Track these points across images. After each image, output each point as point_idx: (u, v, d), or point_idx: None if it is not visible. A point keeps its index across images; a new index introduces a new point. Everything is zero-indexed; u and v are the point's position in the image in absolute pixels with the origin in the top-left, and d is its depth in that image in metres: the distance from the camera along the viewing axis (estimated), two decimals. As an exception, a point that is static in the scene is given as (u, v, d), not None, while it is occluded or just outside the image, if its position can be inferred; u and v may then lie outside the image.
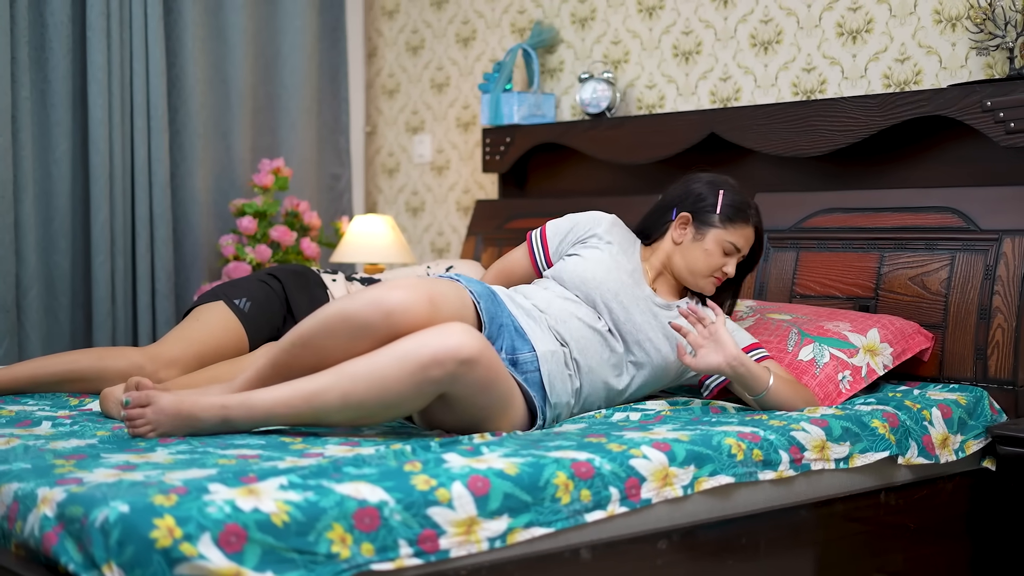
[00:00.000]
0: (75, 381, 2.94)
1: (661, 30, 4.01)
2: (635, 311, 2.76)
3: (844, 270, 3.25)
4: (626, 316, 2.75)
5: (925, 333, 3.02)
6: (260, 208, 4.28)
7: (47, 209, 4.07)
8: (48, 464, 2.05)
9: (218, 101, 4.51)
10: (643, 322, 2.75)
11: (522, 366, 2.57)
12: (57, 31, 4.05)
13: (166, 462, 2.08)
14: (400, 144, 4.96)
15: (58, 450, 2.18)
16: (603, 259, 2.83)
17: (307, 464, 2.04)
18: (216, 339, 3.07)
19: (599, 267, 2.80)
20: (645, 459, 2.20)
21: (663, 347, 2.76)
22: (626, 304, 2.76)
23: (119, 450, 2.19)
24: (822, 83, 3.61)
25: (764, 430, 2.43)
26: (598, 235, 2.90)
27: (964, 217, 3.07)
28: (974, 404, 2.84)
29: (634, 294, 2.79)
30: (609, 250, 2.86)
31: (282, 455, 2.16)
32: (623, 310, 2.75)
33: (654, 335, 2.76)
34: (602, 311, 2.75)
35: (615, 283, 2.78)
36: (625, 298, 2.77)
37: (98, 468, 2.01)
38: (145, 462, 2.07)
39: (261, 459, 2.12)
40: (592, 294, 2.76)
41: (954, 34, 3.32)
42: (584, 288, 2.77)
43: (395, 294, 2.38)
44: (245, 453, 2.17)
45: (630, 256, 2.88)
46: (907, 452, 2.64)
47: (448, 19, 4.74)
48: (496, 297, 2.65)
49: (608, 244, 2.87)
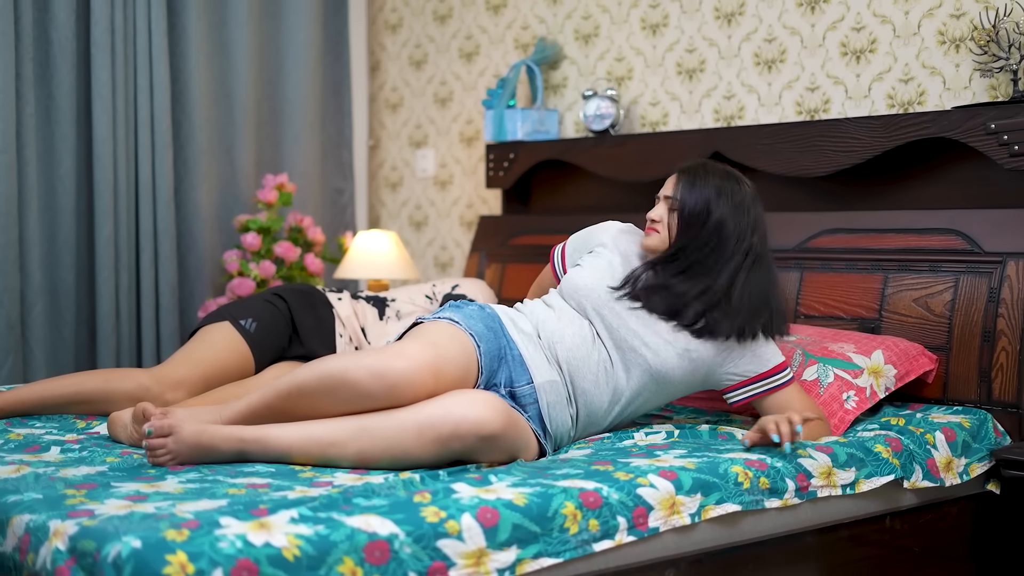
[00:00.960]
0: (82, 403, 2.94)
1: (665, 48, 4.02)
2: (630, 316, 2.68)
3: (848, 291, 3.26)
4: (619, 322, 2.68)
5: (929, 355, 3.03)
6: (264, 224, 4.29)
7: (51, 225, 4.08)
8: (59, 494, 2.06)
9: (222, 116, 4.52)
10: (639, 327, 2.67)
11: (520, 399, 2.58)
12: (62, 48, 4.06)
13: (176, 492, 2.09)
14: (403, 158, 4.97)
15: (68, 479, 2.19)
16: (599, 266, 2.80)
17: (317, 495, 2.05)
18: (222, 360, 3.08)
19: (593, 274, 2.77)
20: (652, 488, 2.21)
21: (662, 351, 2.66)
22: (620, 310, 2.69)
23: (129, 478, 2.20)
24: (826, 102, 3.62)
25: (771, 457, 2.43)
26: (603, 243, 2.88)
27: (968, 239, 3.08)
28: (978, 427, 2.85)
29: (632, 299, 2.71)
30: (608, 257, 2.82)
31: (292, 484, 2.17)
32: (615, 316, 2.68)
33: (652, 339, 2.66)
34: (593, 319, 2.70)
35: (606, 288, 2.73)
36: (618, 304, 2.70)
37: (109, 499, 2.02)
38: (156, 492, 2.08)
39: (271, 488, 2.13)
40: (583, 302, 2.73)
41: (958, 55, 3.34)
42: (576, 296, 2.74)
43: (398, 365, 2.36)
44: (255, 482, 2.18)
45: (630, 259, 2.83)
46: (912, 476, 2.65)
47: (451, 34, 4.75)
48: (499, 327, 2.64)
49: (610, 252, 2.84)
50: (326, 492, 2.09)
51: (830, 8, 3.60)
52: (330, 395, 2.38)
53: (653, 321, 2.68)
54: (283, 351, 3.23)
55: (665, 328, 2.68)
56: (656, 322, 2.68)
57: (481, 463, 2.37)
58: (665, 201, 2.78)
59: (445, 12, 4.76)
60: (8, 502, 2.02)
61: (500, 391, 2.56)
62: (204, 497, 2.04)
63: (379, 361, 2.38)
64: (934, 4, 3.38)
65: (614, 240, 2.87)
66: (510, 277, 4.17)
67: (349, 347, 3.30)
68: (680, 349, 2.66)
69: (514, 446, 2.42)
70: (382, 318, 3.43)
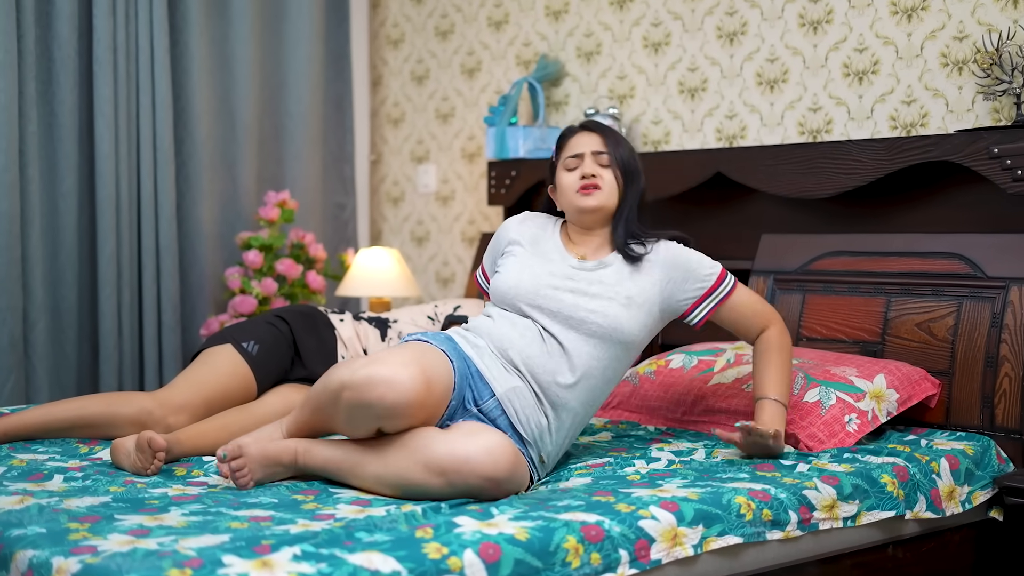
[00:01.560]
0: (84, 427, 2.94)
1: (667, 66, 4.03)
2: (564, 292, 2.69)
3: (850, 314, 3.26)
4: (558, 304, 2.68)
5: (932, 379, 3.03)
6: (266, 241, 4.29)
7: (54, 243, 4.08)
8: (62, 528, 2.05)
9: (224, 132, 4.52)
10: (576, 299, 2.68)
11: (488, 414, 2.59)
12: (64, 65, 4.06)
13: (179, 525, 2.08)
14: (405, 173, 4.97)
15: (72, 511, 2.18)
16: (513, 264, 2.80)
17: (320, 528, 2.05)
18: (224, 383, 3.08)
19: (511, 274, 2.77)
20: (654, 520, 2.21)
21: (608, 309, 2.67)
22: (551, 293, 2.69)
23: (133, 511, 2.20)
24: (828, 123, 3.62)
25: (775, 488, 2.43)
26: (511, 240, 2.88)
27: (971, 264, 3.08)
28: (981, 453, 2.85)
29: (556, 276, 2.73)
30: (519, 251, 2.83)
31: (294, 517, 2.17)
32: (550, 299, 2.69)
33: (594, 305, 2.67)
34: (532, 314, 2.70)
35: (530, 279, 2.73)
36: (546, 288, 2.70)
37: (112, 533, 2.02)
38: (159, 525, 2.08)
39: (273, 522, 2.13)
40: (515, 302, 2.72)
41: (961, 78, 3.34)
42: (507, 299, 2.74)
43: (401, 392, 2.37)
44: (257, 515, 2.18)
45: (546, 241, 2.84)
46: (915, 507, 2.64)
47: (453, 50, 4.75)
48: (458, 348, 2.65)
49: (519, 245, 2.85)
50: (328, 526, 2.09)
51: (832, 29, 3.60)
52: (332, 415, 2.48)
53: (586, 285, 2.71)
54: (285, 373, 3.23)
55: (600, 287, 2.71)
56: (590, 285, 2.71)
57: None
58: (595, 157, 2.80)
59: (447, 28, 4.76)
60: (12, 536, 2.02)
61: (471, 410, 2.57)
62: (207, 531, 2.04)
63: (377, 378, 2.38)
64: (937, 26, 3.38)
65: (518, 233, 2.89)
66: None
67: (351, 369, 3.29)
68: (622, 299, 2.69)
69: (518, 485, 2.44)
70: (384, 339, 3.43)
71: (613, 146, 2.81)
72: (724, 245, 3.61)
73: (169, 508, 2.23)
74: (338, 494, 2.41)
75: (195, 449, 2.76)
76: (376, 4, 5.05)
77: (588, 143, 2.82)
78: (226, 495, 2.38)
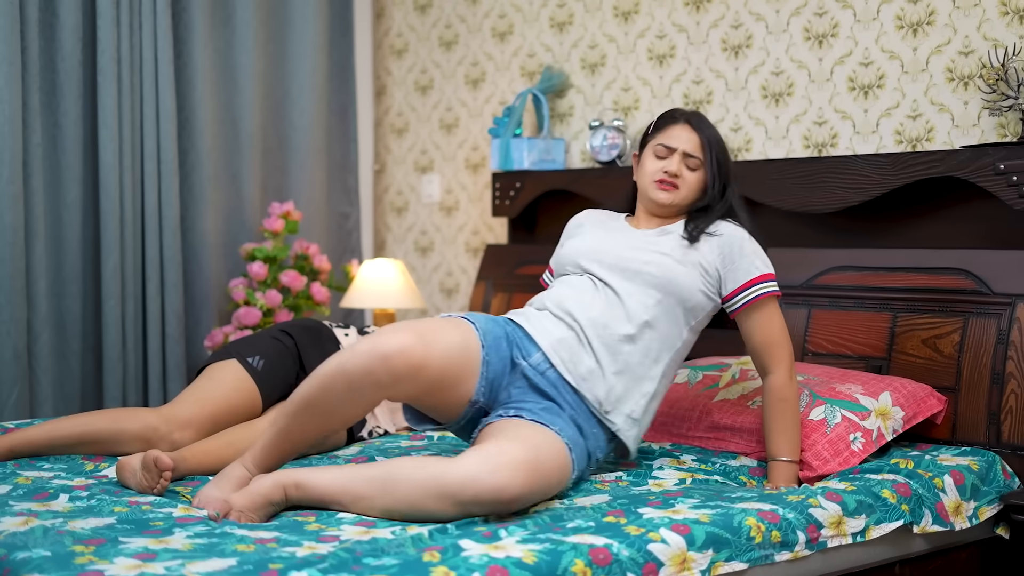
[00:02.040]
0: (90, 443, 2.94)
1: (671, 78, 4.02)
2: (622, 249, 2.80)
3: (856, 329, 3.25)
4: (614, 257, 2.79)
5: (938, 396, 3.03)
6: (270, 253, 4.28)
7: (58, 254, 4.08)
8: (67, 551, 2.04)
9: (228, 143, 4.52)
10: (631, 252, 2.79)
11: (536, 367, 2.64)
12: (68, 76, 4.06)
13: (185, 548, 2.08)
14: (409, 183, 4.97)
15: (77, 532, 2.18)
16: (578, 237, 2.94)
17: (326, 552, 2.05)
18: (229, 399, 3.08)
19: (575, 243, 2.91)
20: (664, 543, 2.20)
21: (664, 261, 2.76)
22: (609, 249, 2.81)
23: (137, 532, 2.19)
24: (833, 137, 3.62)
25: (783, 507, 2.42)
26: (579, 224, 3.01)
27: (977, 280, 3.08)
28: (987, 469, 2.84)
29: (616, 240, 2.85)
30: (583, 230, 2.96)
31: (299, 539, 2.16)
32: (607, 253, 2.81)
33: (650, 256, 2.77)
34: (590, 268, 2.80)
35: (591, 241, 2.87)
36: (606, 246, 2.82)
37: (118, 556, 2.01)
38: (164, 548, 2.07)
39: (279, 543, 2.12)
40: (578, 261, 2.84)
41: (966, 93, 3.33)
42: (572, 263, 2.86)
43: (391, 340, 2.44)
44: (262, 536, 2.18)
45: (612, 221, 2.97)
46: (921, 520, 2.64)
47: (457, 60, 4.75)
48: (493, 317, 2.74)
49: (583, 227, 2.98)
50: (334, 548, 2.09)
51: (838, 43, 3.60)
52: (333, 393, 2.47)
53: (644, 244, 2.81)
54: (291, 388, 3.22)
55: (658, 247, 2.80)
56: (648, 244, 2.81)
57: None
58: (685, 158, 2.85)
59: (451, 38, 4.76)
60: (17, 559, 2.01)
61: (520, 364, 2.65)
62: (213, 555, 2.03)
63: (367, 341, 2.46)
64: (942, 41, 3.38)
65: (587, 219, 3.01)
66: (517, 306, 4.17)
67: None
68: (678, 256, 2.77)
69: (541, 495, 2.42)
70: (389, 354, 3.43)
71: (708, 152, 2.86)
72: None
73: (174, 530, 2.22)
74: (340, 515, 2.40)
75: (200, 467, 2.75)
76: (380, 14, 5.05)
77: (686, 141, 2.86)
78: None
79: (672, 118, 2.90)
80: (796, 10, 3.70)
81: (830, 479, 2.73)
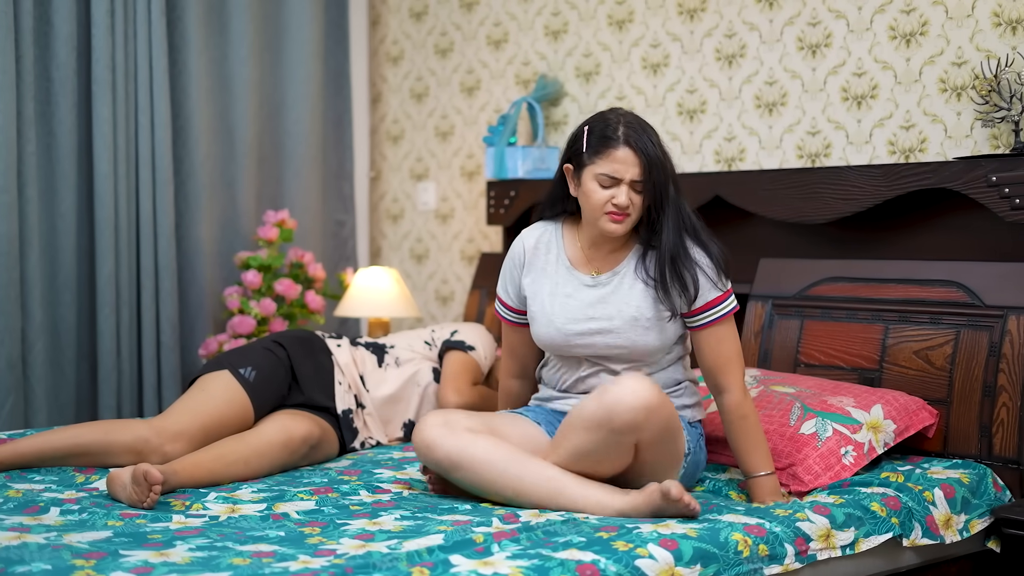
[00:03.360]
0: (81, 455, 2.94)
1: (665, 87, 4.02)
2: (592, 336, 2.79)
3: (848, 341, 3.25)
4: (591, 349, 2.80)
5: (930, 409, 3.03)
6: (265, 261, 4.28)
7: (52, 263, 4.08)
8: (67, 565, 2.05)
9: (223, 151, 4.52)
10: (603, 337, 2.78)
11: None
12: (63, 85, 4.06)
13: (183, 562, 2.09)
14: (404, 191, 4.97)
15: (74, 547, 2.18)
16: (536, 312, 2.86)
17: (319, 567, 2.05)
18: (221, 411, 3.08)
19: (538, 327, 2.85)
20: (651, 559, 2.20)
21: (625, 307, 2.77)
22: (579, 340, 2.80)
23: (136, 546, 2.21)
24: (827, 147, 3.62)
25: (769, 521, 2.43)
26: (526, 264, 2.92)
27: (969, 292, 3.08)
28: (977, 482, 2.85)
29: (575, 314, 2.80)
30: (533, 289, 2.88)
31: (296, 553, 2.18)
32: (582, 348, 2.81)
33: (612, 309, 2.78)
34: (576, 353, 2.82)
35: (556, 332, 2.81)
36: (574, 336, 2.80)
37: (117, 570, 2.04)
38: (163, 562, 2.09)
39: (275, 557, 2.14)
40: (557, 353, 2.87)
41: (959, 103, 3.33)
42: (550, 350, 2.88)
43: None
44: (261, 550, 2.19)
45: (552, 263, 2.88)
46: (911, 534, 2.64)
47: (452, 68, 4.75)
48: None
49: (531, 280, 2.89)
50: (328, 563, 2.09)
51: (831, 53, 3.60)
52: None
53: (603, 309, 2.79)
54: (283, 399, 3.23)
55: (614, 308, 2.79)
56: (606, 307, 2.79)
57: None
58: (631, 186, 2.72)
59: (446, 46, 4.76)
60: (16, 573, 2.02)
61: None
62: (208, 569, 2.04)
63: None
64: (935, 51, 3.38)
65: (532, 254, 2.91)
66: (511, 316, 4.17)
67: (348, 395, 3.29)
68: (635, 321, 2.78)
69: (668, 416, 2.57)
70: (381, 365, 3.43)
71: (655, 173, 2.71)
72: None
73: (174, 543, 2.23)
74: (345, 526, 2.42)
75: (191, 480, 2.75)
76: (376, 21, 5.05)
77: (631, 168, 2.70)
78: (231, 528, 2.38)
79: (610, 139, 2.71)
80: (790, 20, 3.70)
81: (818, 492, 2.73)
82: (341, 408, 3.26)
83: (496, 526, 2.40)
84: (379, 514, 2.53)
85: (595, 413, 2.53)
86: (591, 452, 2.57)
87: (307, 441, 3.07)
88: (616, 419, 2.50)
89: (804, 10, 3.66)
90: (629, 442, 2.55)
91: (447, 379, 3.41)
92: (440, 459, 2.64)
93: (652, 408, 2.51)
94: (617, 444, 2.55)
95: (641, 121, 2.76)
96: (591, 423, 2.53)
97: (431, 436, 2.64)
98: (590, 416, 2.54)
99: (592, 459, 2.58)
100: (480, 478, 2.61)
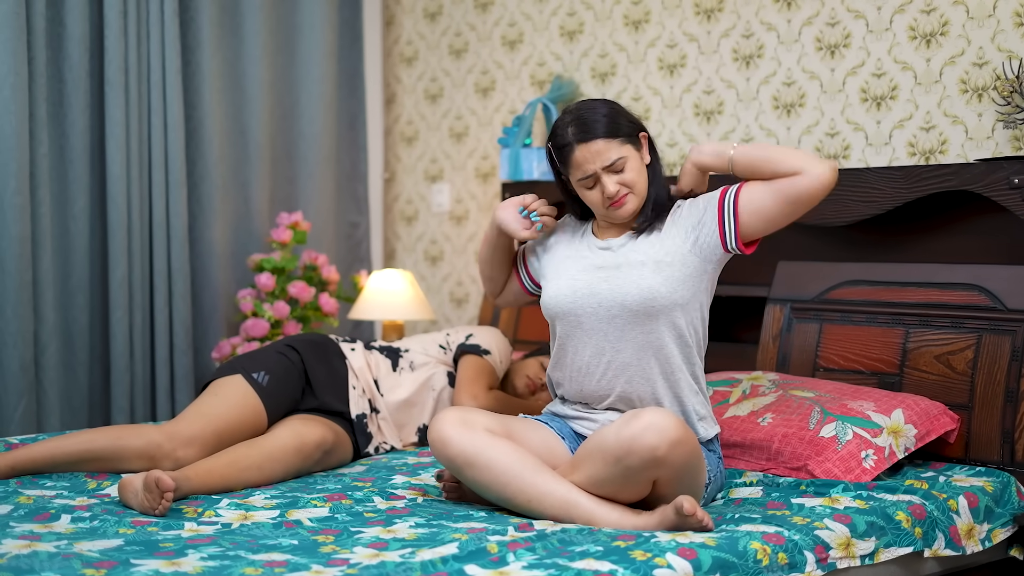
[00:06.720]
0: (93, 460, 2.91)
1: (682, 88, 3.99)
2: (598, 263, 2.77)
3: (868, 345, 3.21)
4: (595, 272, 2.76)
5: (951, 414, 2.99)
6: (278, 264, 4.26)
7: (65, 265, 4.06)
8: (77, 574, 2.03)
9: (236, 153, 4.50)
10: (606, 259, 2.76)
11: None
12: (75, 87, 4.04)
13: (195, 572, 2.07)
14: (419, 192, 4.95)
15: (84, 555, 2.15)
16: (549, 275, 2.84)
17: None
18: (234, 415, 3.05)
19: (549, 289, 2.81)
20: (670, 569, 2.16)
21: (633, 254, 2.73)
22: (585, 266, 2.77)
23: (148, 555, 2.18)
24: (846, 148, 3.58)
25: (788, 529, 2.39)
26: (556, 231, 2.91)
27: (991, 296, 3.04)
28: (1001, 490, 2.80)
29: (584, 266, 2.78)
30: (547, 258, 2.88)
31: (309, 562, 2.15)
32: (590, 272, 2.76)
33: (620, 259, 2.74)
34: (584, 321, 2.75)
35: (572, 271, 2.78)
36: (579, 270, 2.77)
37: (129, 581, 2.00)
38: (174, 571, 2.06)
39: (288, 567, 2.11)
40: (567, 319, 2.78)
41: (980, 105, 3.29)
42: (558, 318, 2.79)
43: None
44: (274, 559, 2.17)
45: (582, 239, 2.86)
46: (933, 544, 2.60)
47: (467, 68, 4.72)
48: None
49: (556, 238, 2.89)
50: (341, 573, 2.07)
51: (850, 53, 3.56)
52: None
53: (614, 262, 2.75)
54: (296, 404, 3.20)
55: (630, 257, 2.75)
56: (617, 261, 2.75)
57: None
58: (607, 170, 2.68)
59: (461, 47, 4.73)
60: (27, 583, 2.00)
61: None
62: (220, 580, 2.02)
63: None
64: (956, 52, 3.34)
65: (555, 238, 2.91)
66: (525, 320, 4.15)
67: (362, 399, 3.27)
68: (652, 265, 2.70)
69: (691, 452, 2.50)
70: (395, 369, 3.40)
71: (618, 143, 2.69)
72: (740, 271, 3.55)
73: (186, 551, 2.21)
74: (359, 534, 2.39)
75: (204, 487, 2.73)
76: (390, 22, 5.02)
77: (594, 158, 2.67)
78: (243, 536, 2.36)
79: (565, 147, 2.70)
80: (808, 20, 3.66)
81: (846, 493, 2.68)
82: (355, 413, 3.23)
83: (511, 535, 2.36)
84: (393, 521, 2.50)
85: (614, 448, 2.46)
86: (608, 482, 2.51)
87: (321, 446, 3.04)
88: (634, 455, 2.43)
89: (823, 10, 3.62)
90: (647, 478, 2.49)
91: (462, 384, 3.38)
92: (454, 456, 2.59)
93: (673, 443, 2.43)
94: (636, 479, 2.48)
95: (585, 105, 2.74)
96: (609, 456, 2.47)
97: (447, 432, 2.60)
98: (609, 450, 2.47)
99: (609, 488, 2.52)
100: (494, 481, 2.57)
